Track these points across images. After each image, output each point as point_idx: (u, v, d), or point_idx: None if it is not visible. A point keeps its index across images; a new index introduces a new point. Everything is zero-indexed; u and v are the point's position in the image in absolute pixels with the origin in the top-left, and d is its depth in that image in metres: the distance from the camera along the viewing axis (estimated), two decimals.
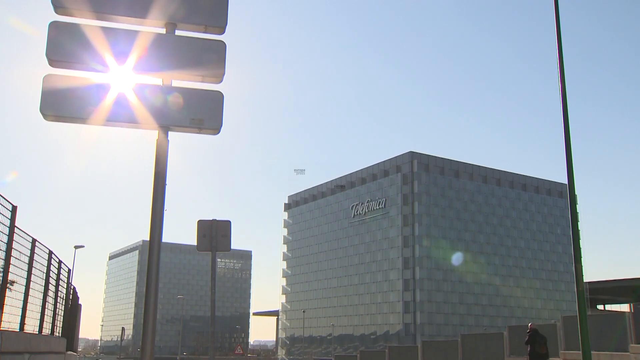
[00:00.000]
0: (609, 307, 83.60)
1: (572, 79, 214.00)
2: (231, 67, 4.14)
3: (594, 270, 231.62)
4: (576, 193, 13.08)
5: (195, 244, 11.10)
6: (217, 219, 11.15)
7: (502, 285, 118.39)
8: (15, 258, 8.80)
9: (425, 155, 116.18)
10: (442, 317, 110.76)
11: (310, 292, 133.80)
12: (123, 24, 3.94)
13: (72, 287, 18.22)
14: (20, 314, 9.48)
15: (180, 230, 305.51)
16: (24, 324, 9.64)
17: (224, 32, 4.14)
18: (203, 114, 3.94)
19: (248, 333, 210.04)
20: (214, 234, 10.95)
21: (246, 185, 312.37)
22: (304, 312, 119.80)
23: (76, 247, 45.94)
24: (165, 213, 3.87)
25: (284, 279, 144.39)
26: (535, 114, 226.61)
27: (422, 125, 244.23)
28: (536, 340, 19.10)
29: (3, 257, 8.28)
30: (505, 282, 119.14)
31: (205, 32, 4.11)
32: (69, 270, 15.96)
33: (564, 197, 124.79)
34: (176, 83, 3.98)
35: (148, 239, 3.82)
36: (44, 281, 11.22)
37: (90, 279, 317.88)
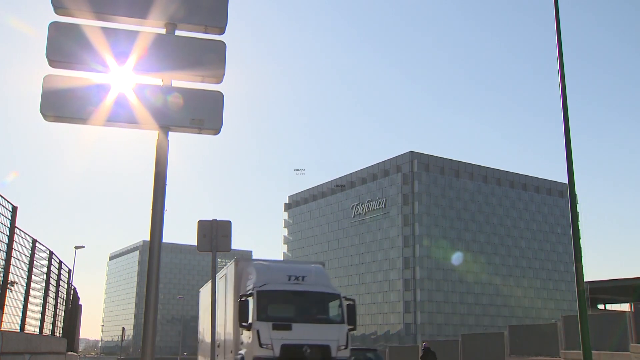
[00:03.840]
0: (609, 306, 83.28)
1: (572, 78, 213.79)
2: (231, 67, 4.13)
3: (595, 269, 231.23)
4: (576, 192, 13.08)
5: (196, 244, 11.11)
6: (218, 219, 11.17)
7: (502, 284, 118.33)
8: (16, 259, 8.79)
9: (425, 155, 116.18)
10: (442, 316, 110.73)
11: None
12: (123, 24, 3.94)
13: (72, 287, 18.23)
14: (20, 315, 9.47)
15: (180, 230, 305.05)
16: (25, 324, 9.63)
17: (224, 32, 4.13)
18: (203, 114, 3.94)
19: None
20: (214, 234, 10.96)
21: (246, 185, 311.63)
22: None
23: (76, 247, 45.95)
24: (166, 213, 3.87)
25: None
26: (535, 114, 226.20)
27: (422, 125, 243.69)
28: (427, 356, 24.11)
29: (4, 258, 8.27)
30: (506, 282, 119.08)
31: (205, 32, 4.10)
32: (70, 270, 15.97)
33: (564, 196, 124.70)
34: (176, 83, 3.98)
35: (148, 239, 3.82)
36: (44, 282, 11.22)
37: (90, 280, 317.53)
